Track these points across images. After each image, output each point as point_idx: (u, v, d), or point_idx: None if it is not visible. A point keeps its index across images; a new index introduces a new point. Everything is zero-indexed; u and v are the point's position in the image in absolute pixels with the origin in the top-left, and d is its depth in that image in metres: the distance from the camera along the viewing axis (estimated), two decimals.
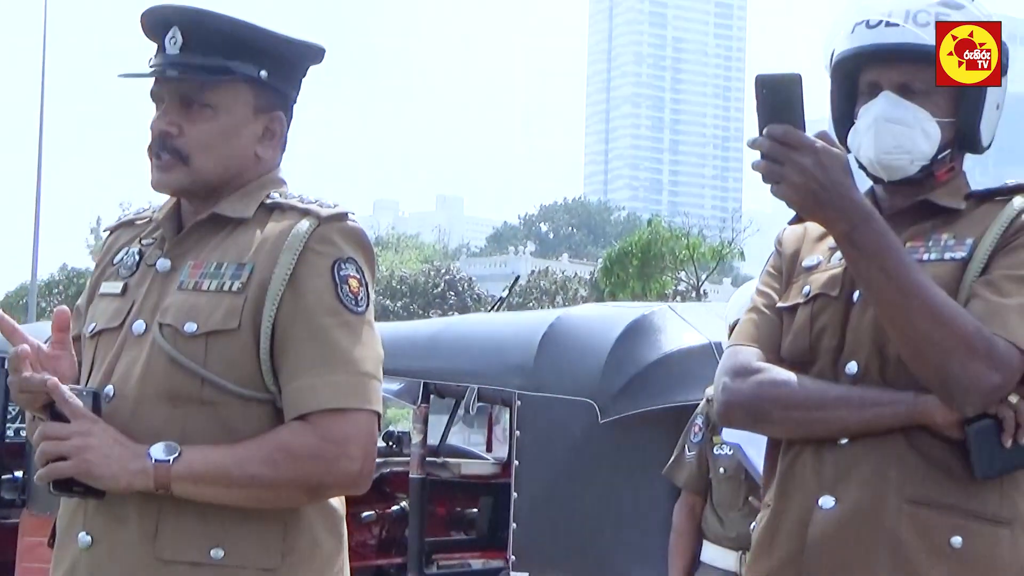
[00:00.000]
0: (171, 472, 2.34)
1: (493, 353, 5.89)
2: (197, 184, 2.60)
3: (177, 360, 2.45)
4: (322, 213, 2.51)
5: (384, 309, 55.59)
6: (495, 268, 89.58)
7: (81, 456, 2.35)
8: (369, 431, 2.43)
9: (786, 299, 2.70)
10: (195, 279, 2.52)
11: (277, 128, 2.66)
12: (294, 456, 2.37)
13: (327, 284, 2.45)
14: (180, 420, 2.43)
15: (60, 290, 56.36)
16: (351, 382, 2.40)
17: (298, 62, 2.68)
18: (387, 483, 7.27)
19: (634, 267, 40.40)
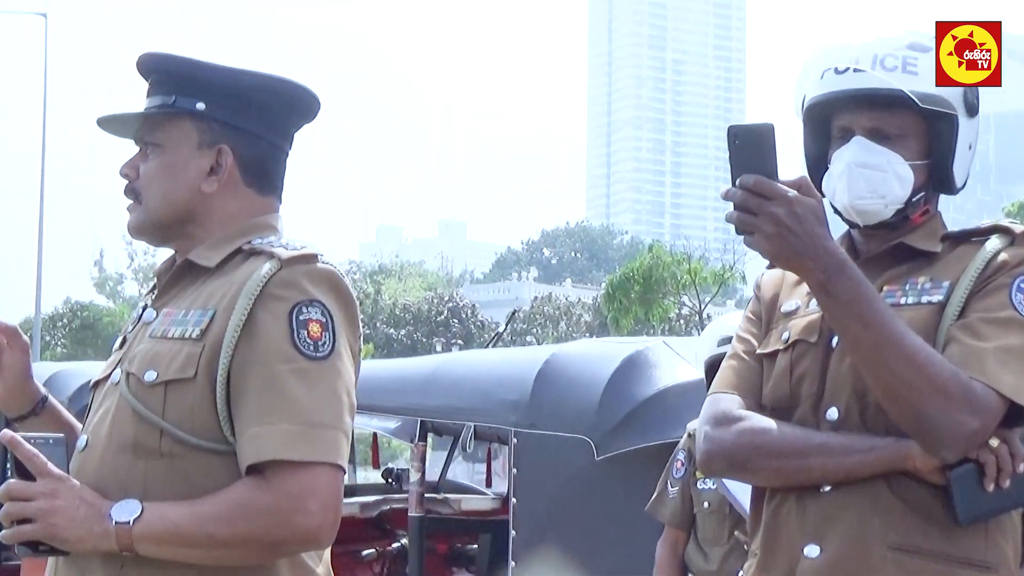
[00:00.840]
0: (132, 534, 2.29)
1: (489, 390, 5.89)
2: (151, 224, 2.60)
3: (137, 410, 2.42)
4: (283, 255, 2.42)
5: (388, 338, 55.63)
6: (499, 294, 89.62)
7: (46, 520, 2.31)
8: (327, 484, 2.32)
9: (766, 345, 2.71)
10: (164, 327, 2.49)
11: (224, 162, 2.56)
12: (249, 513, 2.29)
13: (283, 330, 2.35)
14: (142, 472, 2.38)
15: (64, 323, 56.40)
16: (303, 432, 2.30)
17: (248, 93, 2.59)
18: (387, 520, 7.27)
19: (636, 292, 40.40)
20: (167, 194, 2.57)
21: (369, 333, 55.31)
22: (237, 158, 2.58)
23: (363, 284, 68.24)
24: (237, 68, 2.61)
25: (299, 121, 2.69)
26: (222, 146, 2.56)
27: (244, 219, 2.58)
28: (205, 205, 2.57)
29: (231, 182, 2.58)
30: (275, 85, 2.62)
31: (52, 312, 57.15)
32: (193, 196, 2.57)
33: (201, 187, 2.56)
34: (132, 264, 68.55)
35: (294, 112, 2.66)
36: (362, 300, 61.20)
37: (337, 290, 2.45)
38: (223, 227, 2.57)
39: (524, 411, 5.53)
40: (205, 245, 2.56)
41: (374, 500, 7.26)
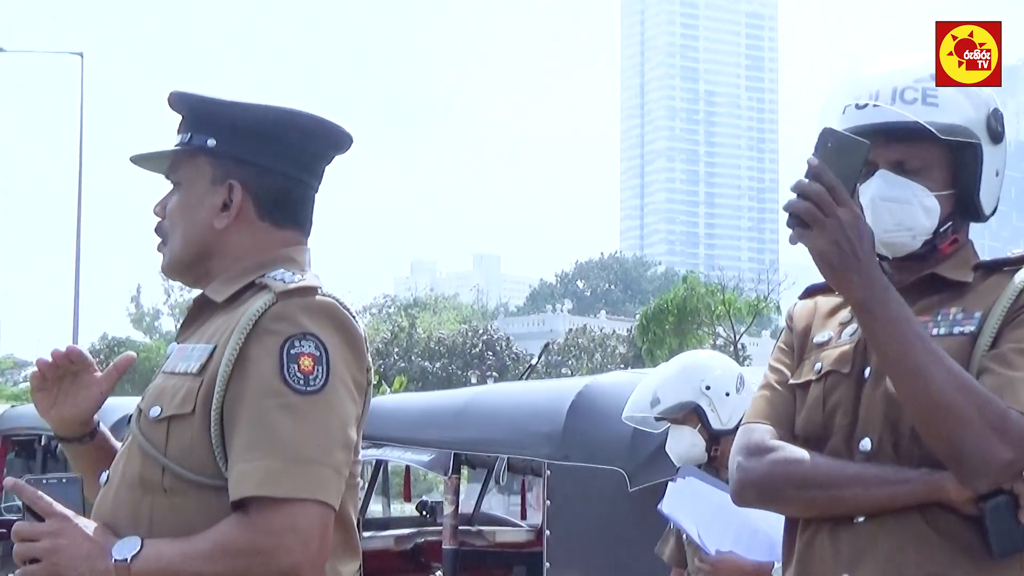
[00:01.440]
0: (130, 571, 2.30)
1: (522, 423, 5.91)
2: (175, 264, 2.62)
3: (142, 446, 2.43)
4: (278, 288, 2.40)
5: (423, 371, 55.58)
6: (533, 327, 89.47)
7: (50, 559, 2.33)
8: (309, 521, 2.29)
9: (799, 376, 2.70)
10: (174, 363, 2.50)
11: (234, 197, 2.55)
12: (231, 551, 2.28)
13: (273, 364, 2.32)
14: (148, 507, 2.39)
15: (101, 359, 56.70)
16: (285, 469, 2.27)
17: (260, 127, 2.57)
18: (422, 553, 7.28)
19: (671, 323, 40.33)
20: (184, 233, 2.59)
21: (404, 366, 55.30)
22: (250, 192, 2.56)
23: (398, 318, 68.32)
24: (249, 103, 2.60)
25: (324, 152, 2.66)
26: (232, 181, 2.55)
27: (261, 253, 2.56)
28: (219, 241, 2.57)
29: (244, 217, 2.57)
30: (288, 118, 2.60)
31: (89, 348, 57.42)
32: (207, 233, 2.57)
33: (213, 224, 2.56)
34: (168, 300, 68.89)
35: (313, 144, 2.64)
36: (397, 333, 61.22)
37: (336, 323, 2.42)
38: (239, 262, 2.56)
39: (557, 443, 5.53)
40: (220, 280, 2.56)
41: (408, 533, 7.28)
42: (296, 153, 2.60)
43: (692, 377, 4.74)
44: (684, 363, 4.91)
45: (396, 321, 66.21)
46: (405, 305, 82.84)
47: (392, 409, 7.00)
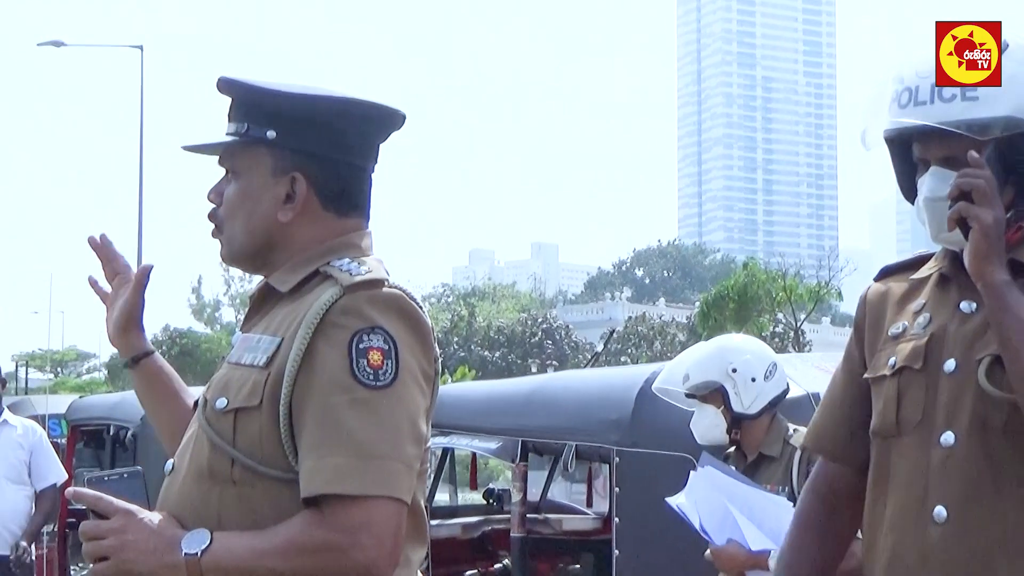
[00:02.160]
0: (200, 565, 2.29)
1: (590, 410, 5.89)
2: (237, 255, 2.61)
3: (210, 437, 2.42)
4: (345, 282, 2.37)
5: (483, 360, 55.68)
6: (592, 315, 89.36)
7: (119, 556, 2.33)
8: (383, 518, 2.27)
9: (874, 369, 2.69)
10: (239, 353, 2.49)
11: (298, 190, 2.53)
12: (305, 548, 2.26)
13: (341, 359, 2.30)
14: (216, 498, 2.39)
15: (163, 350, 57.04)
16: (356, 465, 2.25)
17: (320, 117, 2.54)
18: (489, 541, 7.28)
19: (731, 310, 40.13)
20: (246, 224, 2.56)
21: (464, 355, 55.43)
22: (312, 183, 2.54)
23: (457, 306, 68.43)
24: (308, 93, 2.57)
25: (381, 136, 2.65)
26: (295, 174, 2.53)
27: (325, 242, 2.54)
28: (284, 234, 2.55)
29: (308, 208, 2.54)
30: (348, 107, 2.58)
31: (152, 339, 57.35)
32: (271, 226, 2.55)
33: (277, 216, 2.54)
34: (229, 291, 69.34)
35: (372, 129, 2.62)
36: (456, 323, 61.34)
37: (404, 315, 2.39)
38: (303, 252, 2.54)
39: (626, 430, 5.52)
40: (284, 268, 2.54)
41: (476, 521, 7.28)
42: (356, 141, 2.58)
43: (722, 358, 4.80)
44: (718, 344, 5.01)
45: (455, 310, 66.34)
46: (464, 294, 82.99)
47: (459, 397, 7.00)
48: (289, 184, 2.53)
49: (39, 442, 7.81)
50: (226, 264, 2.71)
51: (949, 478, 2.49)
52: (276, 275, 2.55)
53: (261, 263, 2.61)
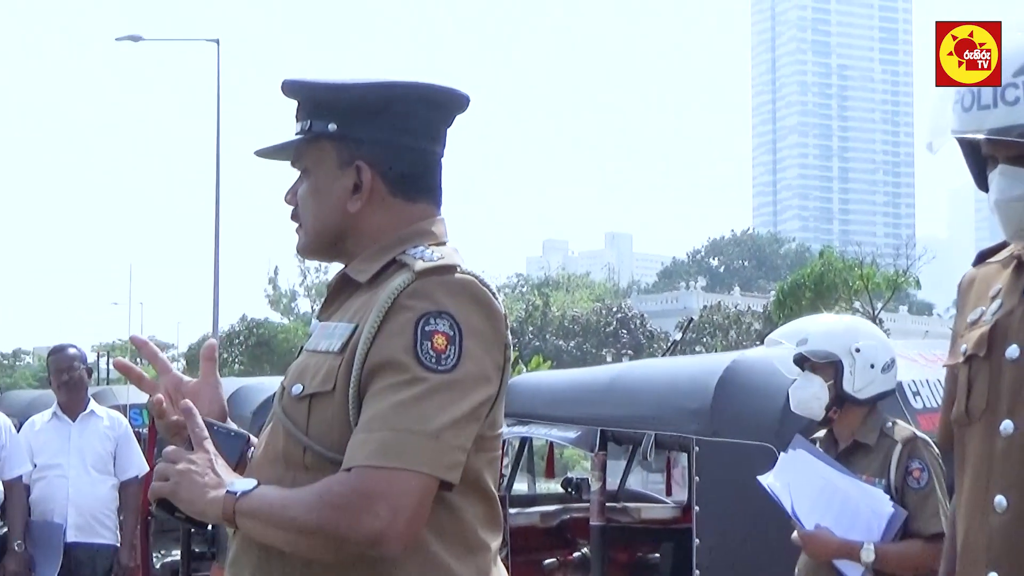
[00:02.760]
0: (235, 506, 2.34)
1: (669, 399, 5.87)
2: (311, 247, 2.64)
3: (284, 424, 2.46)
4: (417, 267, 2.39)
5: (558, 349, 55.71)
6: (666, 304, 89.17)
7: (175, 480, 2.41)
8: (403, 491, 2.25)
9: (952, 357, 2.69)
10: (316, 341, 2.51)
11: (363, 179, 2.55)
12: (324, 503, 2.27)
13: (407, 340, 2.31)
14: (290, 482, 2.39)
15: (240, 340, 57.47)
16: (396, 440, 2.26)
17: (380, 105, 2.55)
18: (568, 530, 7.28)
19: (807, 299, 39.85)
20: (317, 217, 2.60)
21: (539, 345, 55.46)
22: (377, 171, 2.55)
23: (531, 296, 68.50)
24: (363, 81, 2.58)
25: (443, 118, 2.64)
26: (359, 163, 2.55)
27: (398, 229, 2.56)
28: (354, 223, 2.57)
29: (376, 196, 2.56)
30: (405, 90, 2.58)
31: (229, 330, 58.33)
32: (341, 217, 2.57)
33: (347, 207, 2.56)
34: (304, 281, 69.87)
35: (433, 112, 2.62)
36: (531, 312, 61.39)
37: (475, 300, 2.40)
38: (377, 240, 2.56)
39: (706, 419, 5.49)
40: (361, 258, 2.56)
41: (554, 510, 7.28)
42: (417, 124, 2.58)
43: (848, 334, 4.75)
44: (848, 321, 4.96)
45: (530, 300, 66.39)
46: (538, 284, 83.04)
47: (537, 386, 7.00)
48: (355, 174, 2.56)
49: (125, 434, 7.89)
50: (302, 256, 2.74)
51: (1009, 467, 2.47)
52: (353, 265, 2.58)
53: (335, 253, 2.64)
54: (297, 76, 2.66)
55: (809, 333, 4.80)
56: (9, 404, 12.68)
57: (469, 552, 2.44)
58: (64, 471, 7.61)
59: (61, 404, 7.83)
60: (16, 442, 7.51)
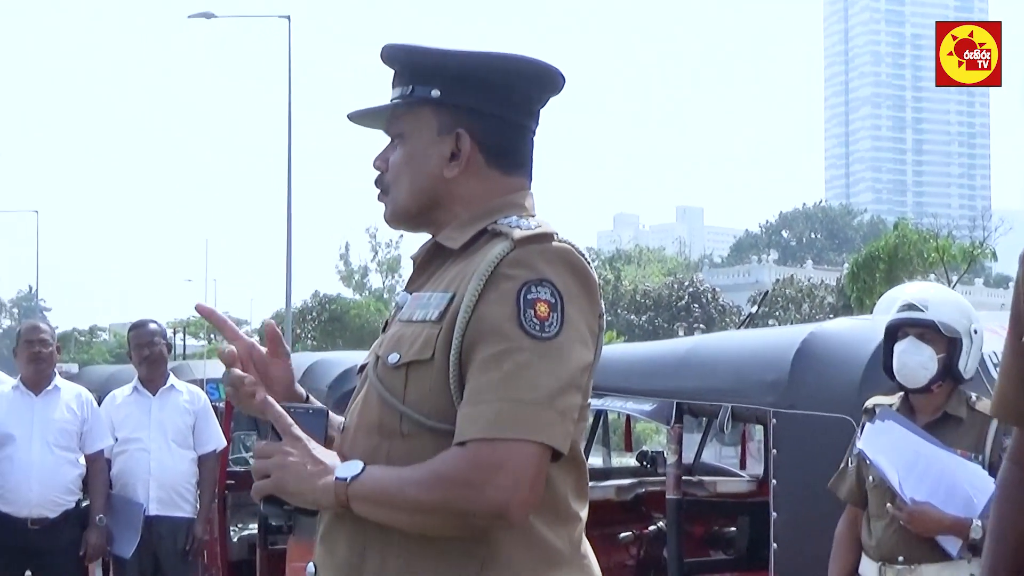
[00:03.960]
0: (348, 490, 2.37)
1: (745, 371, 5.84)
2: (401, 214, 2.65)
3: (380, 393, 2.47)
4: (516, 235, 2.41)
5: (629, 324, 55.62)
6: (739, 278, 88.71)
7: (277, 474, 2.43)
8: (522, 461, 2.27)
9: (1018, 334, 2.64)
10: (411, 310, 2.53)
11: (463, 146, 2.57)
12: (443, 480, 2.30)
13: (510, 309, 2.34)
14: (385, 452, 2.44)
15: (313, 316, 57.77)
16: (508, 410, 2.27)
17: (483, 75, 2.58)
18: (643, 503, 7.26)
19: (881, 272, 39.47)
20: (412, 183, 2.60)
21: (611, 320, 55.33)
22: (477, 140, 2.58)
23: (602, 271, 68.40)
24: (471, 52, 2.61)
25: (541, 96, 2.67)
26: (459, 130, 2.57)
27: (491, 199, 2.58)
28: (449, 190, 2.59)
29: (473, 165, 2.58)
30: (510, 64, 2.61)
31: (302, 306, 58.62)
32: (436, 183, 2.59)
33: (443, 173, 2.58)
34: (376, 257, 70.01)
35: (534, 88, 2.64)
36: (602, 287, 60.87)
37: (573, 268, 2.42)
38: (469, 209, 2.58)
39: (783, 391, 5.46)
40: (452, 227, 2.58)
41: (630, 483, 7.26)
42: (518, 98, 2.61)
43: (969, 315, 4.75)
44: (959, 297, 4.91)
45: (601, 274, 66.27)
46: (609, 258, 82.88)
47: (612, 359, 6.98)
48: (454, 141, 2.58)
49: (204, 408, 7.97)
50: (389, 225, 2.75)
51: None
52: (444, 233, 2.59)
53: (424, 221, 2.65)
54: (400, 41, 2.68)
55: (929, 301, 4.75)
56: (88, 379, 12.81)
57: (562, 523, 2.47)
58: (145, 445, 7.71)
59: (142, 379, 7.92)
60: (98, 416, 7.61)
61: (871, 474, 4.73)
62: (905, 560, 4.57)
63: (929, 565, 4.54)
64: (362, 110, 2.71)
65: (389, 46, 2.68)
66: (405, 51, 2.65)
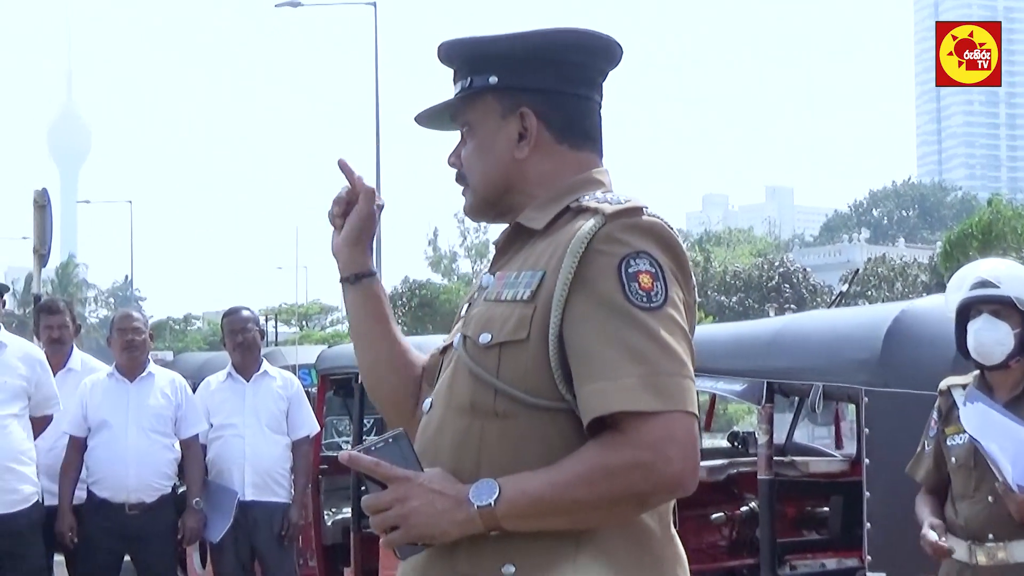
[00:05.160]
0: (497, 515, 2.32)
1: (837, 350, 5.81)
2: (481, 205, 2.68)
3: (473, 371, 2.45)
4: (607, 210, 2.41)
5: (720, 305, 55.27)
6: (829, 257, 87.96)
7: (408, 523, 2.36)
8: (684, 431, 2.28)
9: None
10: (498, 290, 2.51)
11: (529, 125, 2.58)
12: (611, 470, 2.28)
13: (614, 284, 2.34)
14: (478, 431, 2.42)
15: (403, 302, 58.03)
16: (648, 383, 2.28)
17: (537, 53, 2.59)
18: (735, 484, 7.23)
19: (975, 249, 38.95)
20: (485, 171, 2.62)
21: (701, 301, 55.04)
22: (541, 117, 2.59)
23: (692, 252, 68.06)
24: (520, 33, 2.62)
25: (598, 66, 2.66)
26: (523, 109, 2.58)
27: (566, 177, 2.58)
28: (521, 172, 2.60)
29: (541, 143, 2.59)
30: (563, 38, 2.61)
31: (391, 291, 58.79)
32: (508, 166, 2.60)
33: (514, 155, 2.59)
34: (464, 242, 70.10)
35: (588, 58, 2.64)
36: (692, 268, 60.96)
37: (664, 241, 2.43)
38: (545, 188, 2.58)
39: (875, 369, 5.43)
40: (532, 207, 2.58)
41: (721, 464, 7.23)
42: (576, 71, 2.62)
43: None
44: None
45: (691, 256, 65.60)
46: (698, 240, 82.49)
47: (703, 339, 6.92)
48: (519, 121, 2.59)
49: (297, 394, 8.03)
50: (469, 217, 2.76)
51: None
52: (525, 214, 2.60)
53: (503, 208, 2.66)
54: (454, 37, 2.70)
55: (1002, 277, 4.70)
56: (183, 366, 12.97)
57: None
58: (240, 430, 7.79)
59: (235, 365, 8.00)
60: (192, 402, 7.70)
61: (955, 455, 4.69)
62: (995, 538, 4.54)
63: (1020, 542, 4.50)
64: (426, 111, 2.73)
65: (442, 44, 2.70)
66: (457, 45, 2.68)
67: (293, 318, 61.22)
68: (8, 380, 6.78)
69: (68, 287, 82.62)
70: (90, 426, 7.42)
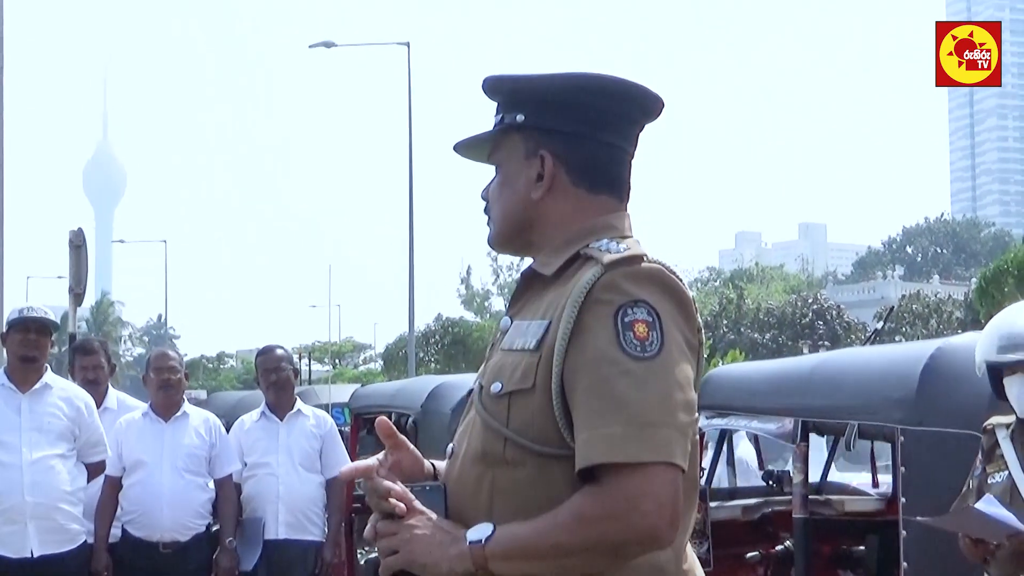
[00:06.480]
0: (485, 552, 2.37)
1: (872, 387, 5.77)
2: (498, 239, 2.72)
3: (485, 421, 2.49)
4: (605, 259, 2.44)
5: (753, 342, 55.14)
6: (863, 295, 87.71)
7: (406, 548, 2.44)
8: (662, 483, 2.29)
9: None
10: (511, 339, 2.55)
11: (546, 167, 2.60)
12: (585, 519, 2.30)
13: (609, 333, 2.36)
14: (489, 479, 2.46)
15: (436, 339, 58.09)
16: (632, 433, 2.29)
17: (564, 96, 2.61)
18: (770, 523, 7.20)
19: (1011, 285, 38.76)
20: (504, 208, 2.67)
21: (734, 338, 54.97)
22: (561, 161, 2.60)
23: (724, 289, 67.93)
24: (552, 74, 2.64)
25: (631, 114, 2.66)
26: (543, 152, 2.60)
27: (581, 220, 2.60)
28: (537, 212, 2.62)
29: (558, 185, 2.61)
30: (588, 82, 2.62)
31: (424, 329, 58.95)
32: (525, 205, 2.63)
33: (530, 195, 2.62)
34: (497, 280, 70.29)
35: (618, 105, 2.64)
36: (725, 306, 60.90)
37: (665, 287, 2.44)
38: (559, 231, 2.60)
39: (910, 408, 5.39)
40: (546, 252, 2.61)
41: (756, 503, 7.21)
42: (602, 116, 2.63)
43: None
44: None
45: (723, 293, 65.86)
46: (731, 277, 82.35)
47: (737, 378, 6.95)
48: (539, 163, 2.62)
49: (330, 432, 8.04)
50: (492, 248, 2.80)
51: None
52: (539, 258, 2.64)
53: (521, 244, 2.71)
54: (498, 72, 2.74)
55: None
56: (217, 405, 13.03)
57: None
58: (274, 469, 7.80)
59: (269, 404, 8.02)
60: (226, 441, 7.72)
61: (996, 494, 4.64)
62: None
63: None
64: (462, 141, 2.77)
65: (486, 79, 2.74)
66: (496, 81, 2.72)
67: (326, 356, 61.41)
68: (52, 421, 6.80)
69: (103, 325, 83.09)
70: (125, 465, 7.44)
